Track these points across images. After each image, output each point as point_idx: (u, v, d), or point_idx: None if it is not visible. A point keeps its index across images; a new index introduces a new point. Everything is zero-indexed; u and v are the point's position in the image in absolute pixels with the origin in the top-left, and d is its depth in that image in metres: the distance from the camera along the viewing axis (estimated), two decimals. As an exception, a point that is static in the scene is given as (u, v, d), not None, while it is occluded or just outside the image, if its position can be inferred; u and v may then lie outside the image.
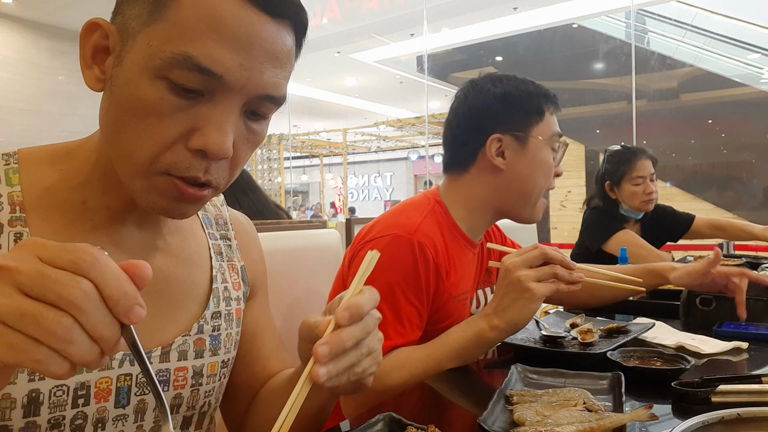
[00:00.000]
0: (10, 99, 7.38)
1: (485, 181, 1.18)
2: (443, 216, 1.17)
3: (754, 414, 0.60)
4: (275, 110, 0.60)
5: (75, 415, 0.58)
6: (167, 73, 0.52)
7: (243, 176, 3.24)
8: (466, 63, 9.64)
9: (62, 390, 0.57)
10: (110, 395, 0.60)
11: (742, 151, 7.64)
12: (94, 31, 0.57)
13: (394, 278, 1.02)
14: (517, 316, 0.93)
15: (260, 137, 0.60)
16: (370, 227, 1.12)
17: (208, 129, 0.53)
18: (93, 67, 0.58)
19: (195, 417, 0.70)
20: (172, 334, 0.66)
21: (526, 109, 1.17)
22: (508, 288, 0.93)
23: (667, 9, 7.73)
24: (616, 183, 2.36)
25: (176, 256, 0.69)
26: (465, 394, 0.94)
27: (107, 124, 0.57)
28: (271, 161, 9.84)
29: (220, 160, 0.56)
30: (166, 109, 0.53)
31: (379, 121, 9.55)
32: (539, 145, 1.17)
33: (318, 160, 13.54)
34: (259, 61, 0.54)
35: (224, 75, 0.53)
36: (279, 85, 0.57)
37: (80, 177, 0.61)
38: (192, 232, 0.73)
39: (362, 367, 0.56)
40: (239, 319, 0.75)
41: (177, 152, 0.54)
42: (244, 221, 0.83)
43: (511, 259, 0.95)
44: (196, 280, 0.70)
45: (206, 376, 0.69)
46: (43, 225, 0.59)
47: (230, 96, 0.54)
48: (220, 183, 0.58)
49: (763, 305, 1.23)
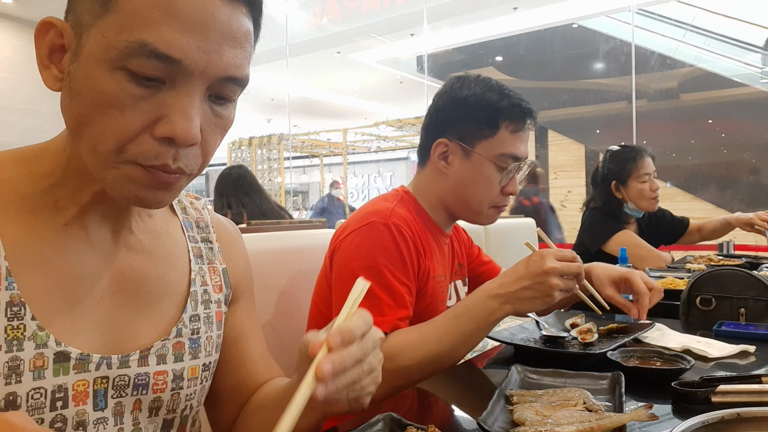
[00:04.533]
0: (10, 99, 7.37)
1: (435, 180, 1.20)
2: (413, 204, 1.19)
3: (754, 414, 0.60)
4: (239, 92, 0.59)
5: (54, 418, 0.57)
6: (125, 63, 0.51)
7: (246, 177, 3.24)
8: (466, 63, 9.63)
9: (39, 393, 0.56)
10: (88, 398, 0.60)
11: (742, 151, 7.63)
12: (48, 31, 0.56)
13: (381, 260, 1.03)
14: (527, 309, 0.97)
15: (228, 121, 0.60)
16: (346, 224, 1.14)
17: (173, 116, 0.53)
18: (51, 67, 0.57)
19: (176, 420, 0.69)
20: (149, 335, 0.66)
21: (478, 121, 1.14)
22: (534, 283, 0.95)
23: (667, 9, 7.73)
24: (623, 182, 2.35)
25: (149, 254, 0.68)
26: (465, 394, 0.94)
27: (71, 121, 0.56)
28: (271, 161, 9.82)
29: (189, 147, 0.56)
30: (127, 100, 0.52)
31: (379, 121, 9.53)
32: (483, 161, 1.13)
33: (318, 160, 13.53)
34: (217, 43, 0.54)
35: (183, 59, 0.52)
36: (240, 66, 0.57)
37: (51, 178, 0.61)
38: (167, 232, 0.72)
39: (361, 385, 0.57)
40: (220, 322, 0.75)
41: (143, 142, 0.54)
42: (228, 225, 0.83)
43: (552, 261, 0.95)
44: (171, 280, 0.70)
45: (187, 379, 0.69)
46: (14, 229, 0.58)
47: (191, 81, 0.53)
48: (193, 170, 0.58)
49: (763, 305, 1.23)
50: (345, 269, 1.06)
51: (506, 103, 1.13)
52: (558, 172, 8.46)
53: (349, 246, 1.08)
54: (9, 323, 0.55)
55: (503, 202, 1.18)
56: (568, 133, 8.82)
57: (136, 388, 0.64)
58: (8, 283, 0.56)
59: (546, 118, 9.16)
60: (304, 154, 12.72)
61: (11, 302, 0.56)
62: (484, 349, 1.68)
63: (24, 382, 0.55)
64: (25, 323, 0.56)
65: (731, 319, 1.23)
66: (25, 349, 0.56)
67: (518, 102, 1.14)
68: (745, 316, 1.24)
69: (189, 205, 0.78)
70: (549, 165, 8.84)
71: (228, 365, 0.77)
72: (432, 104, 1.21)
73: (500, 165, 1.13)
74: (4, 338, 0.55)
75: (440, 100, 1.20)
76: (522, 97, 1.17)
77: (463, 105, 1.15)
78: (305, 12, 9.02)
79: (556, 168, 8.66)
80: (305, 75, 10.51)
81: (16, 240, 0.58)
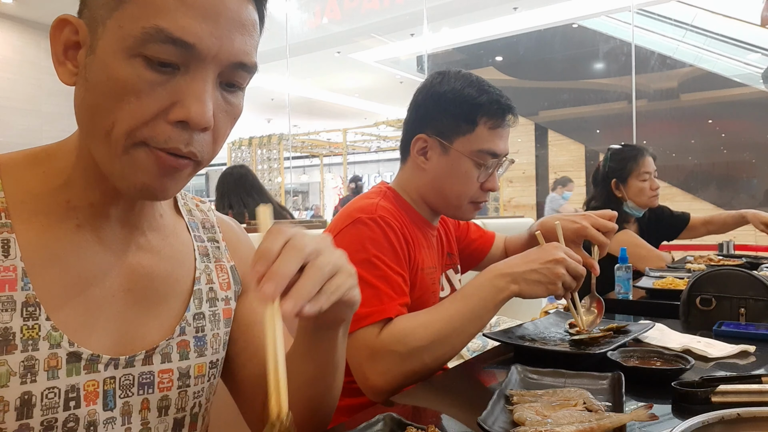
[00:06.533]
0: (10, 99, 7.37)
1: (415, 175, 1.21)
2: (396, 199, 1.19)
3: (754, 414, 0.60)
4: (248, 79, 0.61)
5: (67, 418, 0.58)
6: (141, 49, 0.53)
7: (248, 177, 3.25)
8: (466, 63, 9.63)
9: (54, 392, 0.57)
10: (98, 398, 0.61)
11: (742, 151, 7.64)
12: (63, 28, 0.58)
13: (373, 252, 1.03)
14: (532, 291, 0.98)
15: (238, 110, 0.62)
16: (332, 225, 1.14)
17: (188, 100, 0.54)
18: (66, 63, 0.59)
19: (187, 419, 0.70)
20: (156, 334, 0.66)
21: (456, 117, 1.13)
22: (543, 267, 0.97)
23: (667, 9, 7.73)
24: (623, 181, 2.36)
25: (158, 252, 0.69)
26: (465, 394, 0.94)
27: (84, 113, 0.58)
28: (271, 161, 9.82)
29: (203, 133, 0.57)
30: (143, 86, 0.54)
31: (379, 121, 9.54)
32: (461, 158, 1.13)
33: (318, 160, 13.53)
34: (228, 29, 0.56)
35: (197, 44, 0.54)
36: (249, 53, 0.59)
37: (62, 177, 0.62)
38: (174, 231, 0.73)
39: (336, 285, 0.56)
40: (228, 319, 0.75)
41: (157, 126, 0.55)
42: (232, 223, 0.84)
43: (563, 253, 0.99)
44: (178, 277, 0.70)
45: (194, 377, 0.69)
46: (27, 229, 0.59)
47: (204, 66, 0.55)
48: (203, 156, 0.59)
49: (763, 305, 1.23)
50: None
51: (485, 99, 1.12)
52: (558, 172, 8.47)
53: (339, 245, 1.07)
54: (25, 323, 0.56)
55: (482, 197, 1.18)
56: (568, 133, 8.83)
57: (141, 387, 0.64)
58: (24, 283, 0.57)
59: (546, 118, 9.17)
60: (304, 154, 12.73)
61: (27, 302, 0.57)
62: (484, 349, 1.68)
63: (39, 382, 0.56)
64: (40, 323, 0.57)
65: (731, 319, 1.23)
66: (40, 348, 0.57)
67: (497, 98, 1.13)
68: (745, 316, 1.24)
69: (194, 207, 0.79)
70: (549, 165, 8.85)
71: (246, 352, 0.77)
72: (413, 99, 1.22)
73: (478, 161, 1.13)
74: (20, 338, 0.56)
75: (420, 95, 1.20)
76: (502, 93, 1.16)
77: (441, 100, 1.15)
78: (305, 12, 9.03)
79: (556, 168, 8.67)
80: (305, 75, 10.52)
81: (30, 241, 0.59)
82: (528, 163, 8.97)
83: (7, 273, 0.56)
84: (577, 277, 1.00)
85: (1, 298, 0.56)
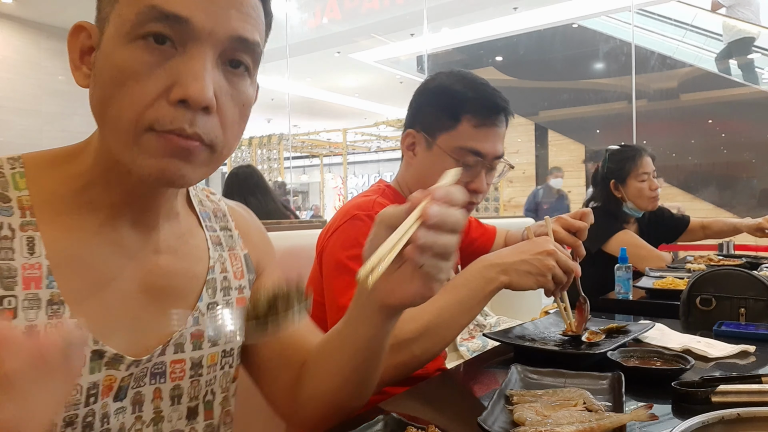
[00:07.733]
0: (10, 99, 7.37)
1: (406, 171, 1.23)
2: (394, 196, 1.19)
3: (754, 414, 0.60)
4: (252, 59, 0.61)
5: (86, 413, 0.59)
6: (138, 30, 0.54)
7: (253, 177, 3.26)
8: (466, 63, 9.63)
9: (76, 389, 0.58)
10: (111, 391, 0.61)
11: (742, 151, 7.63)
12: (79, 34, 0.60)
13: None
14: (522, 283, 0.97)
15: (245, 96, 0.61)
16: (330, 223, 1.14)
17: (186, 79, 0.55)
18: (81, 68, 0.60)
19: (200, 407, 0.71)
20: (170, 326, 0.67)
21: (439, 113, 1.13)
22: (533, 258, 0.97)
23: (667, 9, 7.73)
24: (622, 181, 2.35)
25: (175, 252, 0.69)
26: (465, 394, 0.94)
27: (96, 109, 0.58)
28: (271, 161, 9.83)
29: (207, 115, 0.57)
30: (141, 69, 0.55)
31: (379, 121, 9.54)
32: (442, 154, 1.13)
33: (318, 160, 13.53)
34: (224, 7, 0.57)
35: (190, 18, 0.54)
36: (248, 29, 0.59)
37: (84, 178, 0.62)
38: (189, 229, 0.73)
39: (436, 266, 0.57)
40: (242, 307, 0.76)
41: (159, 108, 0.55)
42: (242, 210, 0.85)
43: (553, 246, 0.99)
44: (195, 274, 0.71)
45: (206, 366, 0.70)
46: (52, 229, 0.60)
47: (201, 44, 0.56)
48: (212, 140, 0.58)
49: (763, 305, 1.23)
50: (334, 262, 1.06)
51: (471, 95, 1.10)
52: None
53: (336, 241, 1.08)
54: (49, 321, 0.57)
55: (476, 200, 1.15)
56: (568, 133, 8.82)
57: (153, 377, 0.65)
58: (49, 281, 0.58)
59: (546, 118, 9.17)
60: (304, 154, 12.73)
61: (51, 300, 0.57)
62: (484, 349, 1.68)
63: None
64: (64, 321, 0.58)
65: (731, 319, 1.23)
66: None
67: (486, 96, 1.11)
68: (745, 316, 1.24)
69: (205, 198, 0.79)
70: (549, 165, 8.85)
71: None
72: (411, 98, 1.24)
73: (457, 159, 1.11)
74: None
75: (415, 92, 1.22)
76: (497, 93, 1.13)
77: (429, 95, 1.16)
78: (305, 12, 9.03)
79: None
80: (305, 75, 10.52)
81: (54, 239, 0.59)
82: (528, 163, 8.97)
83: (33, 270, 0.57)
84: (568, 270, 0.99)
85: (27, 296, 0.56)
